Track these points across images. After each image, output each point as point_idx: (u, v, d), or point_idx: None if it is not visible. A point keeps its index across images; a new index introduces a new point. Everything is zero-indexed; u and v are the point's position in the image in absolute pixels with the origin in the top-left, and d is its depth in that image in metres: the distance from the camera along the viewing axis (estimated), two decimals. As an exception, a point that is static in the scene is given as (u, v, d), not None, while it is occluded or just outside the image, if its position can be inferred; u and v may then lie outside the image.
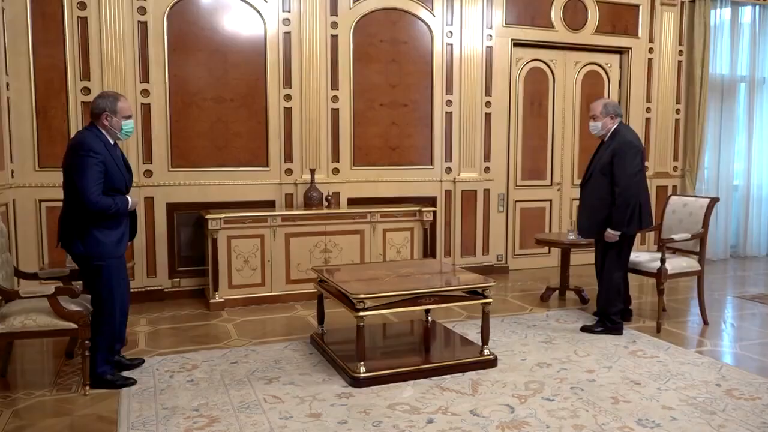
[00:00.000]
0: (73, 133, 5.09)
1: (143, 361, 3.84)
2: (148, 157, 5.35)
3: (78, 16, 5.05)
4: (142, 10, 5.22)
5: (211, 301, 5.15)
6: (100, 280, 3.43)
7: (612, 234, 4.34)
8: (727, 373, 3.74)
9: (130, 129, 3.52)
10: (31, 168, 5.02)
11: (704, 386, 3.52)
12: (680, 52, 7.32)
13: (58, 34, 5.01)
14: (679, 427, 3.01)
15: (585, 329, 4.55)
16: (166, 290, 5.47)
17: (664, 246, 4.57)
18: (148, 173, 5.35)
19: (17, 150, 4.95)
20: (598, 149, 4.53)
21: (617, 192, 4.26)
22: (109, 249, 3.42)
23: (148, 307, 5.22)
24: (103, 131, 3.42)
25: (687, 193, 7.27)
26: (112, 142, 3.46)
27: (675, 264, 4.66)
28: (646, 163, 7.20)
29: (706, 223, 4.71)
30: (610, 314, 4.49)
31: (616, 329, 4.48)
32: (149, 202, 5.35)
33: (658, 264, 4.54)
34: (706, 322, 4.80)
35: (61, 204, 5.08)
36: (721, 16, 7.44)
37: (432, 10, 6.19)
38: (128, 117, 3.49)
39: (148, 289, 5.39)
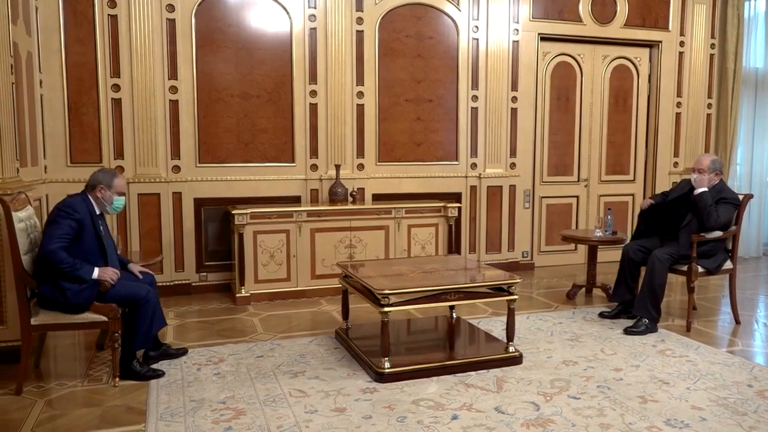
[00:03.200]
0: (104, 129, 5.21)
1: (186, 351, 3.95)
2: (176, 152, 5.42)
3: (108, 14, 5.13)
4: (171, 8, 5.29)
5: (238, 295, 5.21)
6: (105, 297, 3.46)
7: (703, 187, 4.42)
8: (759, 373, 3.65)
9: (119, 205, 3.66)
10: (63, 164, 5.13)
11: (735, 387, 3.45)
12: (712, 46, 7.16)
13: (89, 32, 5.10)
14: (708, 427, 2.96)
15: (629, 332, 4.40)
16: (193, 284, 5.55)
17: (695, 243, 4.48)
18: (177, 169, 5.43)
19: (50, 146, 5.07)
20: (687, 194, 4.61)
21: (718, 215, 4.40)
22: (77, 294, 3.37)
23: (176, 300, 5.30)
24: (94, 202, 3.55)
25: (718, 189, 7.12)
26: (98, 212, 3.57)
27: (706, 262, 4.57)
28: (677, 160, 7.11)
29: (738, 221, 4.61)
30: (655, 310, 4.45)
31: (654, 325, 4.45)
32: (177, 197, 5.43)
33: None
34: (737, 322, 4.70)
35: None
36: (755, 8, 7.26)
37: (458, 4, 6.15)
38: (121, 194, 3.63)
39: (176, 283, 5.47)
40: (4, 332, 3.76)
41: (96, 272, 3.39)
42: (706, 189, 4.46)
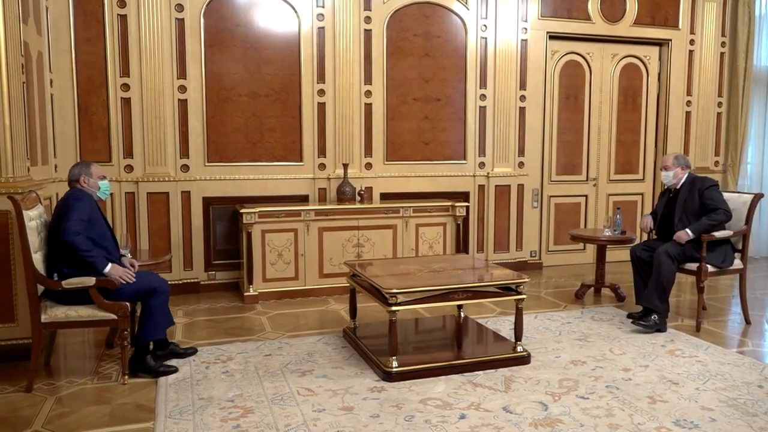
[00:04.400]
0: (114, 129, 5.24)
1: (196, 351, 3.95)
2: (184, 152, 5.44)
3: (118, 14, 5.16)
4: (180, 8, 5.31)
5: (246, 294, 5.23)
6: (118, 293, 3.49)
7: (686, 235, 4.41)
8: (770, 374, 3.63)
9: (106, 189, 3.77)
10: (73, 163, 5.11)
11: (745, 387, 3.43)
12: (723, 44, 7.11)
13: (98, 32, 5.13)
14: (718, 428, 2.94)
15: (637, 323, 4.42)
16: (202, 283, 5.57)
17: (705, 243, 4.45)
18: (185, 168, 5.45)
19: (60, 145, 5.10)
20: (668, 199, 4.71)
21: (719, 211, 4.40)
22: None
23: (185, 299, 5.32)
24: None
25: (729, 189, 7.07)
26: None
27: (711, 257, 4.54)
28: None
29: (749, 220, 4.58)
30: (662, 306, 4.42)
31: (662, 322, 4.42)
32: (186, 196, 5.45)
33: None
34: (748, 322, 4.67)
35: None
36: (766, 5, 7.19)
37: (466, 3, 6.14)
38: (102, 178, 3.73)
39: (185, 281, 5.49)
40: (15, 330, 3.79)
41: (108, 267, 3.45)
42: (686, 236, 4.41)
